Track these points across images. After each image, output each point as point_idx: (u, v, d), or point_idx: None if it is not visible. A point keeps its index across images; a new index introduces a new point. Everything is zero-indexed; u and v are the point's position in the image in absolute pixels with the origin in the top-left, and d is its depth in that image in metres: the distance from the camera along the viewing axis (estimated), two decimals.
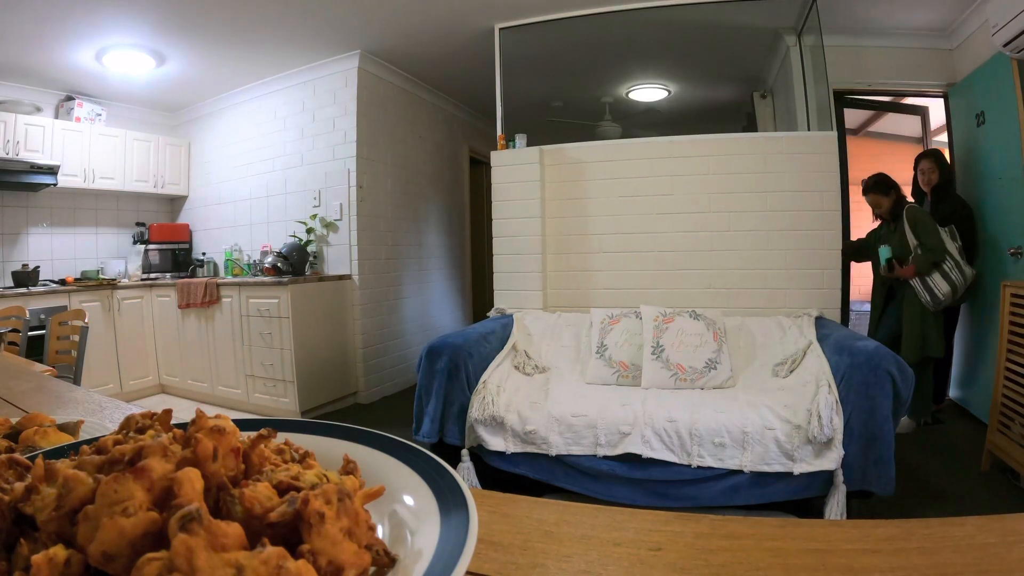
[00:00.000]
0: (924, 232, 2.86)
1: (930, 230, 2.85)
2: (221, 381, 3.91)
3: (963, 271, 2.79)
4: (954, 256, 2.81)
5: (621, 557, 0.37)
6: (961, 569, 0.33)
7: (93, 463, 0.28)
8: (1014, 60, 2.74)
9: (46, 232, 4.15)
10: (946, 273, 2.81)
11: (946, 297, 2.78)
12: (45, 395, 0.91)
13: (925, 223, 2.88)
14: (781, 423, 1.94)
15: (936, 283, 2.78)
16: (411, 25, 3.49)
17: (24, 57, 3.47)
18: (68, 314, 2.63)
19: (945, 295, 2.78)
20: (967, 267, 2.82)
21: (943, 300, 2.79)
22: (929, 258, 2.82)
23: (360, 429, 0.44)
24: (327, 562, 0.24)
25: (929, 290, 2.82)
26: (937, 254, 2.82)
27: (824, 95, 3.21)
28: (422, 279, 4.75)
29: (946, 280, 2.78)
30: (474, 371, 2.33)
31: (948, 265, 2.80)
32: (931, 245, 2.83)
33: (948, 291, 2.77)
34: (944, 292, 2.77)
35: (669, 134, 3.18)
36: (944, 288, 2.76)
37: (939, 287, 2.78)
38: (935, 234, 2.85)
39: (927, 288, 2.86)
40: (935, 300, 2.80)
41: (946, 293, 2.78)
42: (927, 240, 2.84)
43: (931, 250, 2.82)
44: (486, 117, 5.23)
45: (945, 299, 2.79)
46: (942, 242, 2.85)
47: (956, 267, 2.79)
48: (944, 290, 2.76)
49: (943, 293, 2.78)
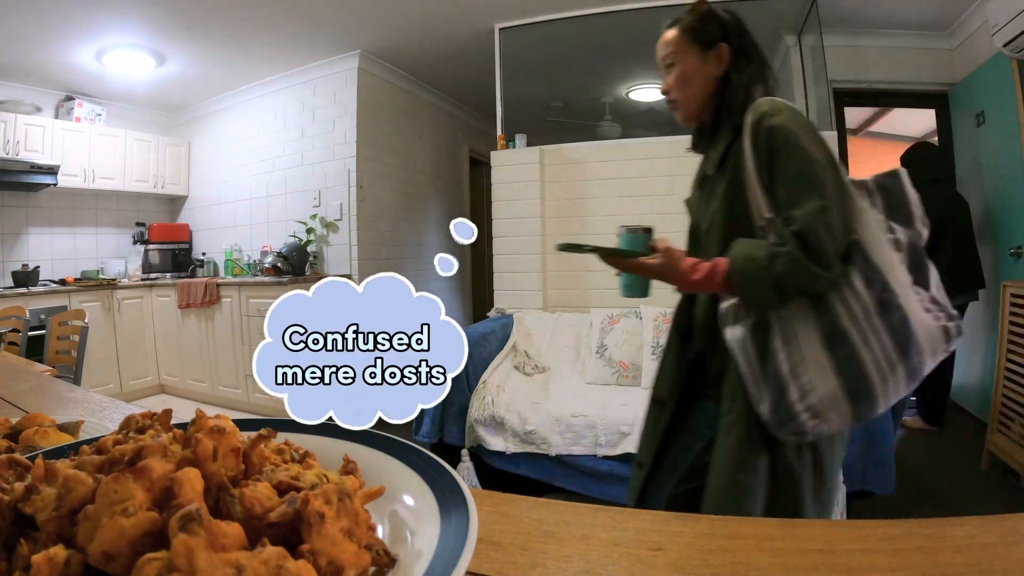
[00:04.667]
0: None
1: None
2: (221, 381, 3.91)
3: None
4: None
5: (621, 557, 0.37)
6: (961, 569, 0.33)
7: (93, 463, 0.28)
8: (1014, 60, 2.74)
9: (46, 232, 4.15)
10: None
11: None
12: (45, 395, 0.91)
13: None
14: None
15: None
16: (411, 25, 3.49)
17: (24, 57, 3.47)
18: (68, 314, 2.64)
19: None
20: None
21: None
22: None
23: (360, 429, 0.44)
24: (327, 562, 0.24)
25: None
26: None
27: (824, 95, 3.21)
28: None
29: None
30: (474, 371, 2.33)
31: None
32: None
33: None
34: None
35: (669, 134, 3.18)
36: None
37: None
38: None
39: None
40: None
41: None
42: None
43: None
44: (486, 117, 5.23)
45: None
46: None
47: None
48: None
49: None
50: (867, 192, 0.99)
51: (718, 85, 1.09)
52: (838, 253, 0.92)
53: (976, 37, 3.12)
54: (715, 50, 1.08)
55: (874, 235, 0.96)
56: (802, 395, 0.91)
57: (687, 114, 1.13)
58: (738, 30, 1.11)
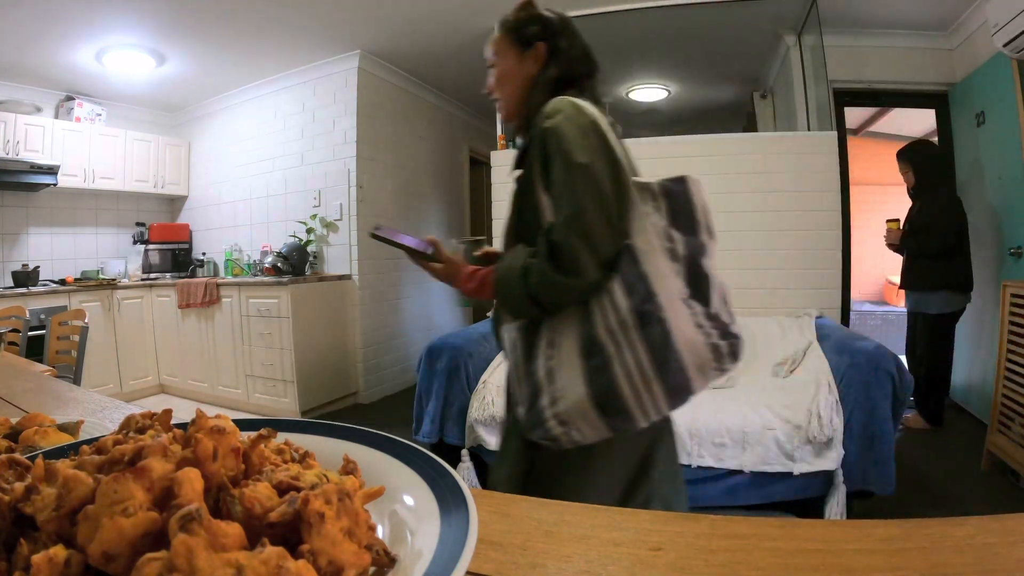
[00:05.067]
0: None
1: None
2: (221, 381, 3.91)
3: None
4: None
5: (621, 557, 0.37)
6: (961, 569, 0.33)
7: (93, 463, 0.28)
8: (1014, 60, 2.74)
9: (46, 232, 4.15)
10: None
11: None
12: (45, 395, 0.91)
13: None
14: (781, 423, 1.94)
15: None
16: (411, 25, 3.49)
17: (24, 57, 3.47)
18: (68, 314, 2.63)
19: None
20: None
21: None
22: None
23: (360, 429, 0.44)
24: (327, 562, 0.24)
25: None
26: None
27: (824, 95, 3.21)
28: (422, 279, 4.75)
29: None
30: (474, 371, 2.33)
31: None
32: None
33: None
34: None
35: (669, 134, 3.19)
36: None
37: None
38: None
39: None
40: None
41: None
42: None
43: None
44: (486, 117, 5.23)
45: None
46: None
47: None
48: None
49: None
50: (652, 196, 0.94)
51: (531, 83, 1.07)
52: (599, 260, 0.89)
53: (976, 37, 3.12)
54: (533, 50, 1.06)
55: (649, 242, 0.91)
56: (552, 401, 0.89)
57: (507, 114, 1.12)
58: (558, 30, 1.08)
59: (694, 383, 0.90)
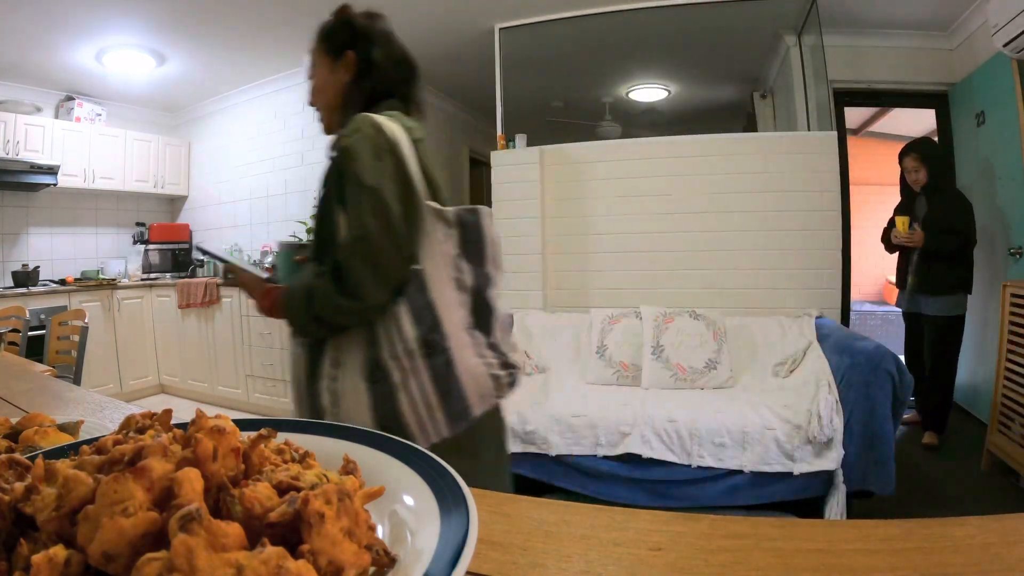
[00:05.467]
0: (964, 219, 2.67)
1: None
2: (221, 381, 3.91)
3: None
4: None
5: (621, 557, 0.37)
6: (961, 569, 0.33)
7: (93, 463, 0.28)
8: (1014, 60, 2.74)
9: (46, 232, 4.15)
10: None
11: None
12: (45, 395, 0.91)
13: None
14: (781, 423, 1.94)
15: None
16: (411, 25, 3.47)
17: (24, 57, 3.47)
18: (68, 314, 2.63)
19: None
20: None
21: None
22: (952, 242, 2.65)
23: (360, 429, 0.44)
24: (327, 562, 0.24)
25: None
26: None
27: (824, 95, 3.21)
28: None
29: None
30: None
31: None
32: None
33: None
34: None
35: (669, 134, 3.19)
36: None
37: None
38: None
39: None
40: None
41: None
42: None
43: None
44: (486, 117, 5.22)
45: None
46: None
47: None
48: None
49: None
50: (446, 224, 0.94)
51: (344, 94, 1.05)
52: (384, 284, 0.89)
53: (976, 37, 3.12)
54: (344, 59, 1.04)
55: (439, 270, 0.92)
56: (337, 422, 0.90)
57: (326, 125, 1.09)
58: (368, 37, 1.05)
59: (474, 409, 0.92)
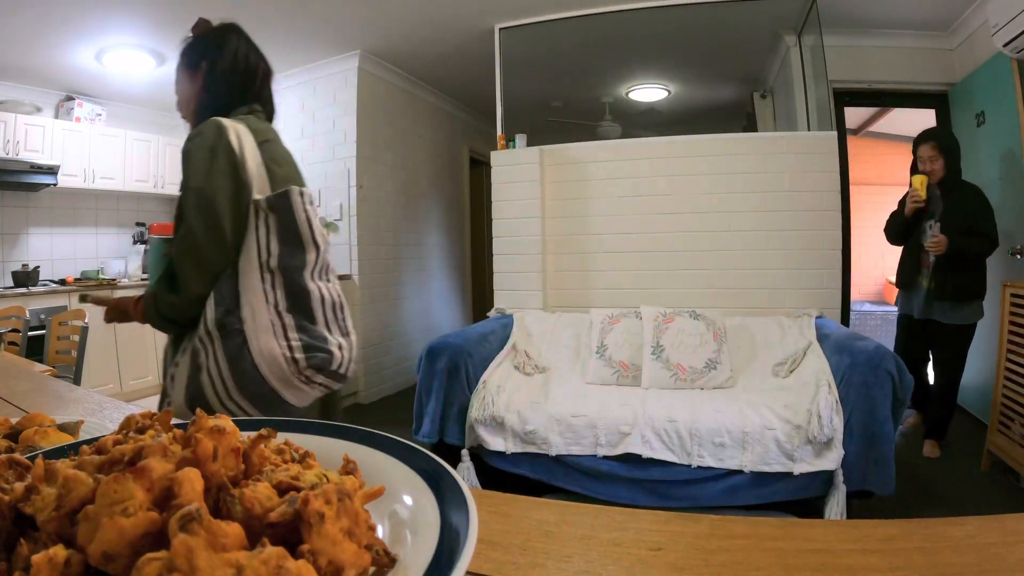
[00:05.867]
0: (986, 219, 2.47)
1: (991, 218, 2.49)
2: None
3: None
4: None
5: (621, 557, 0.37)
6: (961, 569, 0.33)
7: (93, 463, 0.28)
8: (1014, 60, 2.74)
9: (46, 232, 4.15)
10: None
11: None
12: (45, 395, 0.91)
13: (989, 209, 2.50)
14: (781, 423, 1.94)
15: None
16: (411, 25, 3.49)
17: (24, 57, 3.47)
18: (68, 314, 2.63)
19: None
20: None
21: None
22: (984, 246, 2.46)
23: (360, 429, 0.44)
24: (327, 562, 0.24)
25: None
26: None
27: (824, 95, 3.21)
28: (422, 279, 4.75)
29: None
30: (474, 371, 2.33)
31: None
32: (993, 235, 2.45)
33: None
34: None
35: (669, 134, 3.18)
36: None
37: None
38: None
39: None
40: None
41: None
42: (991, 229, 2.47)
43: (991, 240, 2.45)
44: (486, 117, 5.23)
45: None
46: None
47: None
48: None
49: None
50: (263, 212, 0.98)
51: (200, 102, 1.10)
52: (207, 276, 0.95)
53: (976, 37, 3.12)
54: (199, 70, 1.10)
55: (248, 256, 0.96)
56: (168, 404, 0.98)
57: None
58: (217, 46, 1.11)
59: (282, 393, 0.95)
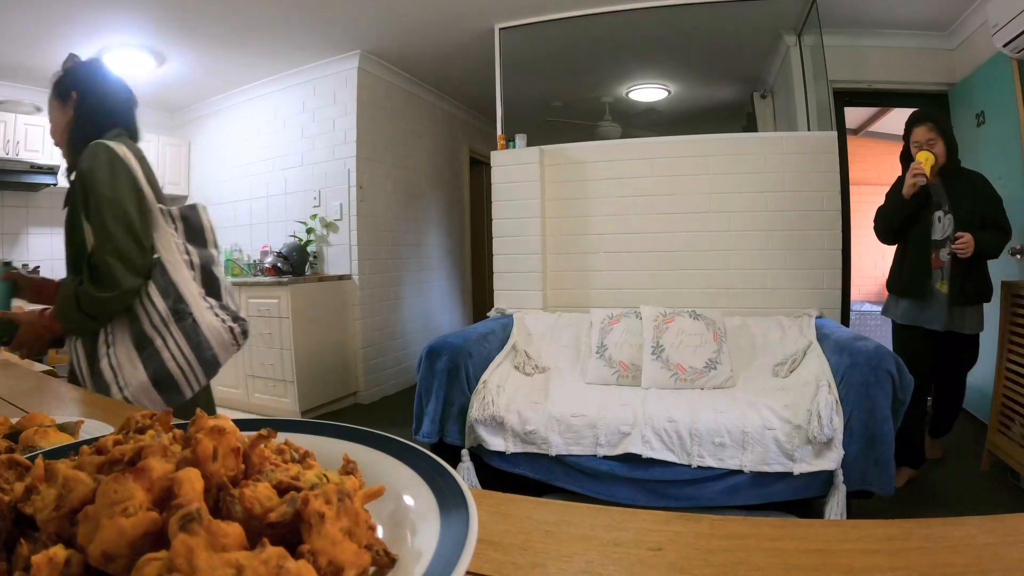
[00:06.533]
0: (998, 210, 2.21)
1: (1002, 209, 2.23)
2: (221, 381, 3.90)
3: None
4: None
5: (621, 557, 0.37)
6: (961, 569, 0.33)
7: (93, 463, 0.28)
8: (1014, 60, 2.74)
9: (46, 232, 4.15)
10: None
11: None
12: (45, 395, 0.91)
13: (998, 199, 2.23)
14: (781, 423, 1.94)
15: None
16: (411, 25, 3.49)
17: (24, 57, 3.47)
18: None
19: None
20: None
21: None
22: (1003, 241, 2.19)
23: (360, 429, 0.44)
24: (327, 562, 0.24)
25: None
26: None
27: (824, 95, 3.21)
28: (422, 279, 4.75)
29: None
30: (474, 371, 2.33)
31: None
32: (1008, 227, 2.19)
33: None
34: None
35: (669, 134, 3.18)
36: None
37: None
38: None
39: None
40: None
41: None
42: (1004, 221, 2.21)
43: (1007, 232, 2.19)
44: (486, 117, 5.23)
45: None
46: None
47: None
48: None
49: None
50: (172, 220, 1.24)
51: (74, 128, 1.23)
52: (133, 271, 1.13)
53: (976, 37, 3.12)
54: (70, 100, 1.24)
55: (173, 255, 1.20)
56: (121, 388, 1.14)
57: (66, 158, 1.27)
58: (84, 77, 1.25)
59: (220, 357, 1.24)
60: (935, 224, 2.29)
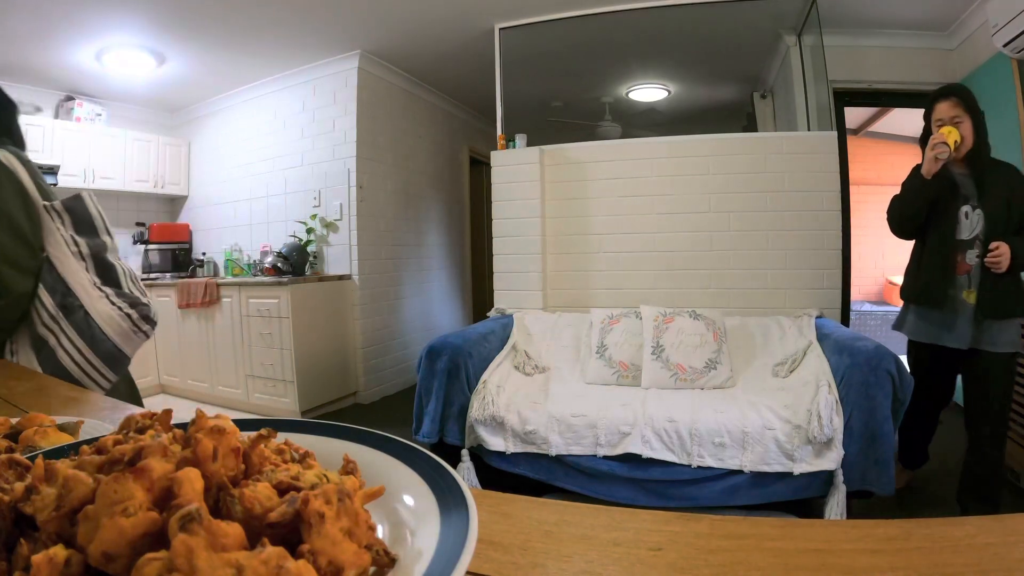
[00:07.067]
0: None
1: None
2: (221, 381, 3.91)
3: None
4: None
5: (621, 557, 0.37)
6: (961, 569, 0.33)
7: (93, 463, 0.28)
8: (1014, 60, 2.74)
9: None
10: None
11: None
12: (45, 395, 0.91)
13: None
14: (781, 423, 1.94)
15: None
16: (411, 25, 3.49)
17: (24, 57, 3.47)
18: None
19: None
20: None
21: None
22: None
23: (360, 429, 0.44)
24: (327, 562, 0.24)
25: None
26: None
27: (824, 95, 3.21)
28: (422, 279, 4.75)
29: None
30: (474, 371, 2.33)
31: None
32: None
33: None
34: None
35: (669, 134, 3.18)
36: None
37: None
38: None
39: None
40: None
41: None
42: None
43: None
44: (486, 117, 5.23)
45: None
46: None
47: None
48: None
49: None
50: (57, 215, 1.20)
51: None
52: (23, 275, 1.13)
53: (976, 37, 3.12)
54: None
55: (60, 249, 1.18)
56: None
57: None
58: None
59: (124, 348, 1.20)
60: (961, 221, 1.90)
